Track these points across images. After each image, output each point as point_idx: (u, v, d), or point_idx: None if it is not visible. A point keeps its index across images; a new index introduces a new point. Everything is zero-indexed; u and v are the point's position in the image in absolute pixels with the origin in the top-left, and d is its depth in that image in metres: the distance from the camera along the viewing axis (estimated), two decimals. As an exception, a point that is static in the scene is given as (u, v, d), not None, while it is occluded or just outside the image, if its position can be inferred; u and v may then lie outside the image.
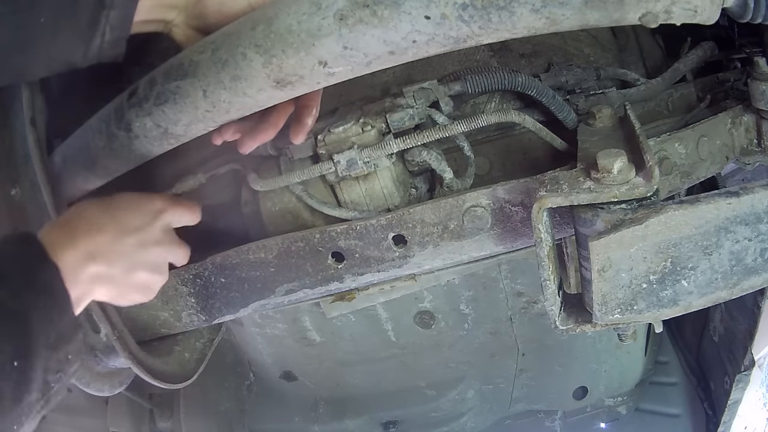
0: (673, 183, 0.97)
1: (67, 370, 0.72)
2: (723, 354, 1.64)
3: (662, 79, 1.12)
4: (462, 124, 0.93)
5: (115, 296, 0.83)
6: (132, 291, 0.85)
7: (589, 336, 1.68)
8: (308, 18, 0.70)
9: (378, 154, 0.91)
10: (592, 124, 0.98)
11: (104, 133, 0.88)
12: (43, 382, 0.67)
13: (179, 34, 0.83)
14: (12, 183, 0.99)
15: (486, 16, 0.66)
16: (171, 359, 1.14)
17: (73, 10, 0.69)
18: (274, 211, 1.01)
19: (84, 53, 0.72)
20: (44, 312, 0.68)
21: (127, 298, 0.85)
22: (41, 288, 0.69)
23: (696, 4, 0.63)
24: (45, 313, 0.68)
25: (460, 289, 1.48)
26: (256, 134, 0.86)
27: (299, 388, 1.82)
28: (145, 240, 0.84)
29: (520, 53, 1.11)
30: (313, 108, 0.87)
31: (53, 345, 0.68)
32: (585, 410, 1.97)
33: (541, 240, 0.77)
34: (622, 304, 0.76)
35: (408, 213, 0.91)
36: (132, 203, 0.87)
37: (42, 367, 0.67)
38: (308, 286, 0.98)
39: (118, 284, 0.81)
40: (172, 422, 1.70)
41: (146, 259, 0.85)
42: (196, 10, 0.80)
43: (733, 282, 0.75)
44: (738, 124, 1.07)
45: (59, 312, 0.70)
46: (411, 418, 1.84)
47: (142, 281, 0.85)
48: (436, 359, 1.68)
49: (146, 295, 0.88)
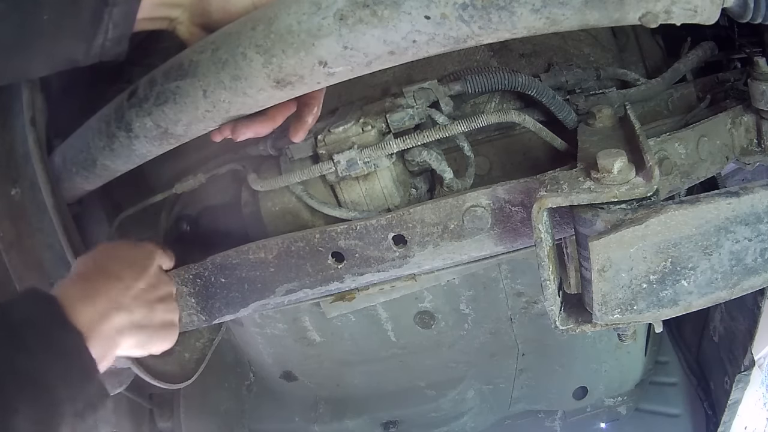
0: (673, 183, 0.97)
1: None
2: (723, 354, 1.64)
3: (662, 79, 1.12)
4: (462, 124, 0.92)
5: (143, 342, 0.84)
6: (157, 332, 0.87)
7: (589, 336, 1.68)
8: (308, 18, 0.70)
9: (378, 154, 0.91)
10: (592, 124, 0.98)
11: (104, 133, 0.88)
12: None
13: (183, 31, 0.83)
14: (12, 183, 0.99)
15: (486, 16, 0.66)
16: (171, 359, 1.14)
17: (76, 7, 0.69)
18: (274, 211, 1.01)
19: (86, 51, 0.72)
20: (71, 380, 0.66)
21: (154, 341, 0.87)
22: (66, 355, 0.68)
23: (696, 4, 0.63)
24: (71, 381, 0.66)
25: (460, 289, 1.48)
26: (251, 124, 0.85)
27: (299, 388, 1.82)
28: (149, 282, 0.88)
29: (520, 53, 1.11)
30: (314, 106, 0.87)
31: (81, 413, 0.67)
32: (585, 410, 1.97)
33: (541, 240, 0.77)
34: (622, 304, 0.76)
35: (408, 213, 0.91)
36: (126, 254, 0.90)
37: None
38: (308, 286, 0.98)
39: (143, 328, 0.83)
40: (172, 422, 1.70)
41: (157, 296, 0.88)
42: (200, 8, 0.80)
43: (733, 282, 0.75)
44: (738, 124, 1.07)
45: (86, 379, 0.69)
46: (411, 418, 1.84)
47: (163, 319, 0.88)
48: (436, 359, 1.67)
49: (170, 333, 0.90)
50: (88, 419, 0.68)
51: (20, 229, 1.00)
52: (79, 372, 0.68)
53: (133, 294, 0.83)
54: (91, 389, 0.69)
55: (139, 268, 0.88)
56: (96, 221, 1.21)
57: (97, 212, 1.21)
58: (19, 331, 0.65)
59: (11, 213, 1.00)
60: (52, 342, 0.67)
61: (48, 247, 1.00)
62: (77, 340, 0.69)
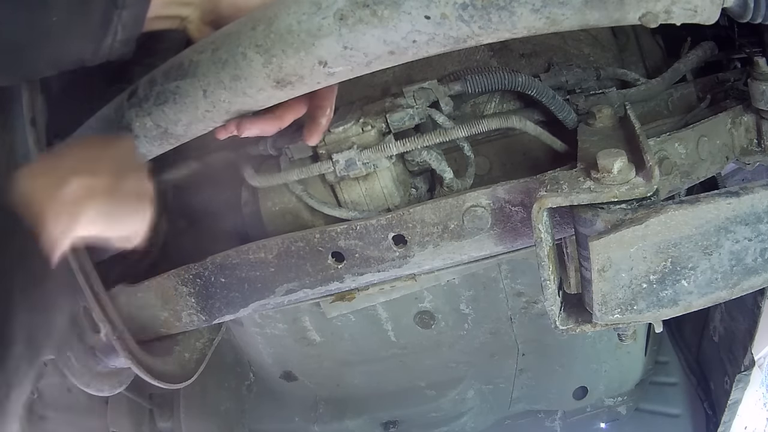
0: (673, 183, 0.97)
1: None
2: (723, 354, 1.64)
3: (662, 79, 1.12)
4: (462, 129, 0.93)
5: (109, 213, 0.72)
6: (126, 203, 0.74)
7: (589, 336, 1.68)
8: (308, 18, 0.70)
9: (377, 156, 0.91)
10: (592, 124, 0.98)
11: (104, 133, 0.88)
12: None
13: (193, 30, 0.83)
14: (12, 183, 0.99)
15: (486, 16, 0.66)
16: (171, 359, 1.14)
17: (85, 9, 0.69)
18: (274, 211, 1.01)
19: (94, 51, 0.72)
20: None
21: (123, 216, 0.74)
22: None
23: (696, 4, 0.63)
24: None
25: (460, 289, 1.48)
26: (257, 121, 0.82)
27: (299, 388, 1.82)
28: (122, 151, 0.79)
29: (520, 53, 1.11)
30: (327, 108, 0.86)
31: None
32: (585, 410, 1.97)
33: (541, 240, 0.77)
34: (622, 304, 0.76)
35: (408, 213, 0.91)
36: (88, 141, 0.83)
37: None
38: (308, 286, 0.98)
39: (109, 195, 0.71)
40: (172, 422, 1.70)
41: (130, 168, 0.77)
42: (211, 6, 0.80)
43: (733, 282, 0.75)
44: (738, 124, 1.07)
45: None
46: (411, 418, 1.84)
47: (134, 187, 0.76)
48: (436, 359, 1.68)
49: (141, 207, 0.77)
50: None
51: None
52: None
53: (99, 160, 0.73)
54: None
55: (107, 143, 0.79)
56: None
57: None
58: None
59: (11, 213, 0.99)
60: None
61: (48, 247, 1.00)
62: None
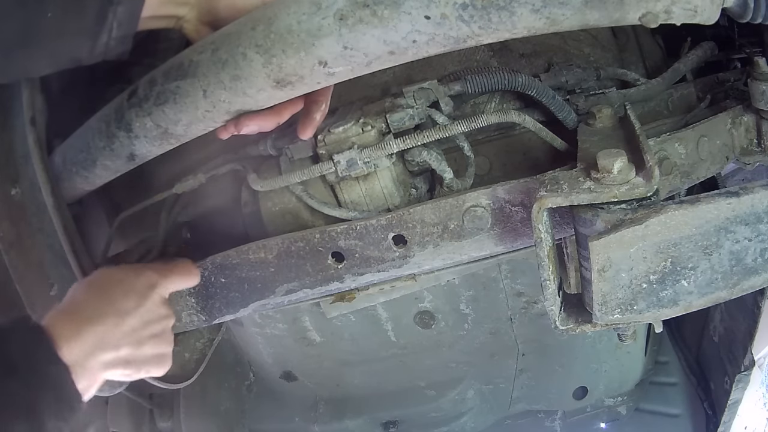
0: (673, 183, 0.97)
1: None
2: (723, 354, 1.64)
3: (662, 79, 1.12)
4: (462, 124, 0.92)
5: (130, 374, 0.86)
6: (145, 365, 0.87)
7: (589, 336, 1.68)
8: (308, 18, 0.70)
9: (378, 154, 0.91)
10: (592, 124, 0.98)
11: (104, 133, 0.88)
12: None
13: (190, 30, 0.83)
14: (12, 183, 0.99)
15: (486, 16, 0.66)
16: (171, 359, 1.14)
17: (81, 6, 0.69)
18: (274, 211, 1.01)
19: (90, 49, 0.72)
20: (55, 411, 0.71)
21: (141, 372, 0.87)
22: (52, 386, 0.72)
23: (696, 4, 0.63)
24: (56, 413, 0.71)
25: (460, 289, 1.48)
26: (255, 117, 0.82)
27: (299, 388, 1.82)
28: (144, 318, 0.87)
29: (520, 53, 1.11)
30: (322, 103, 0.86)
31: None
32: (585, 410, 1.97)
33: (541, 240, 0.77)
34: (622, 304, 0.76)
35: (408, 213, 0.91)
36: (125, 283, 0.88)
37: None
38: (308, 286, 0.98)
39: (129, 364, 0.84)
40: (172, 422, 1.70)
41: (150, 333, 0.87)
42: (208, 6, 0.80)
43: (733, 282, 0.75)
44: (738, 124, 1.07)
45: (70, 410, 0.73)
46: (411, 418, 1.84)
47: (152, 354, 0.88)
48: (436, 359, 1.67)
49: (160, 364, 0.90)
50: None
51: (20, 229, 1.00)
52: (65, 404, 0.73)
53: (122, 331, 0.83)
54: (75, 418, 0.74)
55: (135, 301, 0.87)
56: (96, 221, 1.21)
57: (97, 212, 1.21)
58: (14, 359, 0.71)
59: (11, 213, 0.99)
60: (43, 374, 0.72)
61: (48, 247, 1.00)
62: (64, 374, 0.74)
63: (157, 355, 0.89)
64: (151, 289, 0.90)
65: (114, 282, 0.88)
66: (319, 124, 0.88)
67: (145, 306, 0.87)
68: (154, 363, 0.89)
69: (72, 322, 0.78)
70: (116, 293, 0.86)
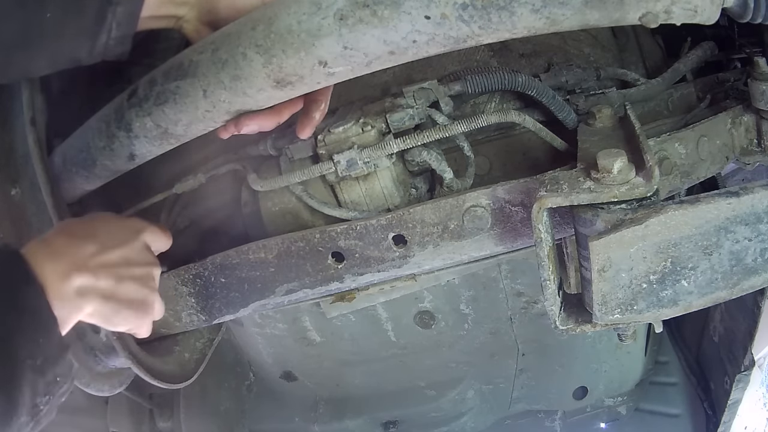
0: (673, 183, 0.97)
1: (56, 391, 0.70)
2: (723, 354, 1.64)
3: (662, 79, 1.12)
4: (462, 124, 0.92)
5: (107, 313, 0.78)
6: (124, 307, 0.80)
7: (589, 336, 1.68)
8: (308, 18, 0.70)
9: (378, 154, 0.91)
10: (592, 124, 0.98)
11: (104, 133, 0.88)
12: (32, 405, 0.66)
13: (190, 30, 0.83)
14: (12, 183, 0.99)
15: (486, 16, 0.66)
16: (171, 359, 1.14)
17: (80, 6, 0.69)
18: (274, 211, 1.01)
19: (90, 50, 0.72)
20: (30, 334, 0.66)
21: (121, 315, 0.80)
22: (26, 310, 0.67)
23: (696, 4, 0.63)
24: (30, 336, 0.66)
25: (460, 289, 1.48)
26: (255, 116, 0.82)
27: (299, 388, 1.82)
28: (127, 256, 0.82)
29: (520, 53, 1.11)
30: (322, 102, 0.86)
31: (40, 368, 0.67)
32: (585, 410, 1.97)
33: (541, 240, 0.77)
34: (622, 304, 0.76)
35: (408, 213, 0.91)
36: (112, 222, 0.86)
37: (30, 391, 0.65)
38: (308, 286, 0.98)
39: (107, 298, 0.77)
40: (172, 422, 1.70)
41: (131, 273, 0.81)
42: (208, 5, 0.80)
43: (733, 282, 0.75)
44: (738, 124, 1.07)
45: (45, 334, 0.68)
46: (411, 418, 1.84)
47: (132, 296, 0.81)
48: (436, 359, 1.68)
49: (141, 311, 0.83)
50: (47, 374, 0.68)
51: (20, 229, 0.99)
52: (39, 327, 0.67)
53: (101, 261, 0.77)
54: (50, 344, 0.68)
55: (119, 240, 0.82)
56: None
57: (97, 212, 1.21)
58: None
59: (11, 213, 0.99)
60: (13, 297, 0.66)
61: (48, 247, 1.00)
62: (38, 294, 0.68)
63: (138, 300, 0.82)
64: (136, 233, 0.86)
65: (99, 219, 0.85)
66: (318, 123, 0.87)
67: (130, 246, 0.83)
68: (134, 308, 0.81)
69: (49, 247, 0.74)
70: (100, 229, 0.82)
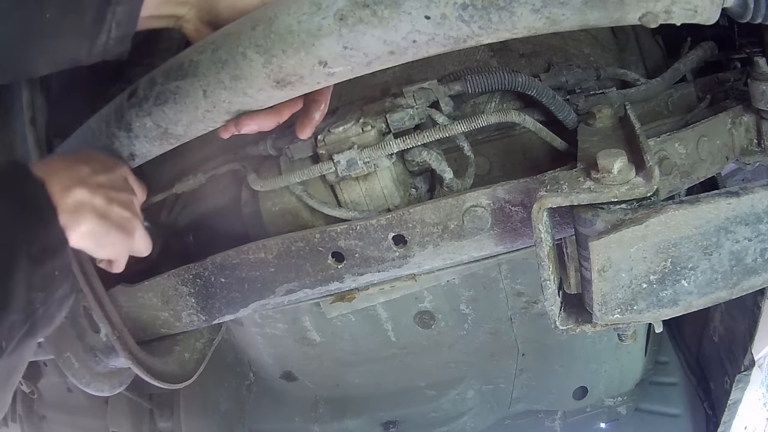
0: (673, 183, 0.97)
1: (53, 289, 0.67)
2: (723, 354, 1.64)
3: (662, 79, 1.12)
4: (462, 124, 0.92)
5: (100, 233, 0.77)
6: (114, 228, 0.79)
7: (589, 336, 1.68)
8: (308, 18, 0.70)
9: (378, 154, 0.91)
10: (592, 124, 0.98)
11: (104, 133, 0.88)
12: (26, 301, 0.63)
13: (190, 29, 0.83)
14: (12, 183, 0.99)
15: (486, 16, 0.66)
16: (171, 359, 1.14)
17: (79, 6, 0.69)
18: (274, 211, 1.01)
19: (89, 50, 0.72)
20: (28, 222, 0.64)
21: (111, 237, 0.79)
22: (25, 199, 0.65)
23: (696, 4, 0.63)
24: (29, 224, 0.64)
25: (460, 289, 1.48)
26: (255, 116, 0.82)
27: (299, 388, 1.82)
28: (112, 182, 0.82)
29: (520, 53, 1.11)
30: (322, 103, 0.86)
31: (37, 257, 0.64)
32: (585, 410, 1.97)
33: (541, 240, 0.77)
34: (622, 304, 0.76)
35: (408, 213, 0.91)
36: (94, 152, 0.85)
37: (24, 282, 0.62)
38: (308, 286, 0.98)
39: (100, 216, 0.76)
40: (172, 422, 1.70)
41: (120, 196, 0.82)
42: (208, 5, 0.80)
43: (733, 282, 0.75)
44: (738, 124, 1.07)
45: (45, 224, 0.66)
46: (411, 418, 1.84)
47: (120, 216, 0.81)
48: (436, 359, 1.68)
49: (126, 235, 0.82)
50: (46, 264, 0.65)
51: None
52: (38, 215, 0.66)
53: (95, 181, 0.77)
54: (50, 233, 0.66)
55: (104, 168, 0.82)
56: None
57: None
58: None
59: (11, 213, 0.99)
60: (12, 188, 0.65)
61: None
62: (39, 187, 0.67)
63: (125, 219, 0.82)
64: (117, 165, 0.86)
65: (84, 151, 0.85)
66: (318, 123, 0.87)
67: (114, 174, 0.83)
68: (121, 231, 0.81)
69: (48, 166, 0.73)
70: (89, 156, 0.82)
